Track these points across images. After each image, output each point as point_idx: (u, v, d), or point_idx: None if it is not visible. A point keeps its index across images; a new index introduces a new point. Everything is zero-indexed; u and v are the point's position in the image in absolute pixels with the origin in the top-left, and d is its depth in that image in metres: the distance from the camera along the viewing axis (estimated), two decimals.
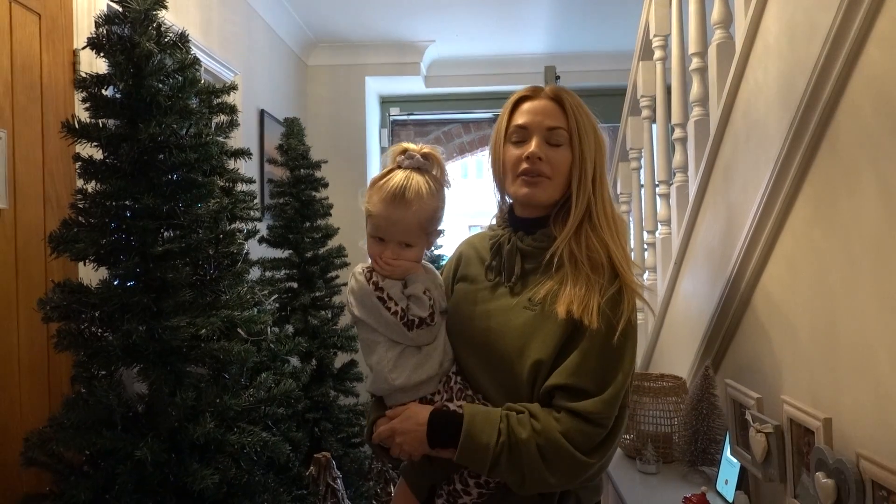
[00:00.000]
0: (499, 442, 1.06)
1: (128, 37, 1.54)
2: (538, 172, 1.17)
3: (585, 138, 1.18)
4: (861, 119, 1.22)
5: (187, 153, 1.59)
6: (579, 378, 1.07)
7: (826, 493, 1.16)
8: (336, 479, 2.47)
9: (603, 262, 1.13)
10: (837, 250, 1.30)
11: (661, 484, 1.84)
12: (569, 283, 1.12)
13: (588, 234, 1.16)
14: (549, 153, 1.18)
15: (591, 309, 1.08)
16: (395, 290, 1.15)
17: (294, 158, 3.05)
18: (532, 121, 1.19)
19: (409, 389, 1.16)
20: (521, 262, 1.20)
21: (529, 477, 1.07)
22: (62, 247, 1.51)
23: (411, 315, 1.13)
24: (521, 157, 1.18)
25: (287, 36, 4.06)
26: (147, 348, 1.52)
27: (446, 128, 5.18)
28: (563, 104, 1.20)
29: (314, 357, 2.90)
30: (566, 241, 1.15)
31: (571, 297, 1.10)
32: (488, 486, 1.14)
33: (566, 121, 1.19)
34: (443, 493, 1.17)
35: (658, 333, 2.45)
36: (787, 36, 1.49)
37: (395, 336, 1.15)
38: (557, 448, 1.06)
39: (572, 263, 1.14)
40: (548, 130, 1.18)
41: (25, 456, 1.52)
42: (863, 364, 1.21)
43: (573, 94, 1.22)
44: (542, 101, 1.21)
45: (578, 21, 4.08)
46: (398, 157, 1.19)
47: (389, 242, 1.16)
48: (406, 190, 1.13)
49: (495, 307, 1.19)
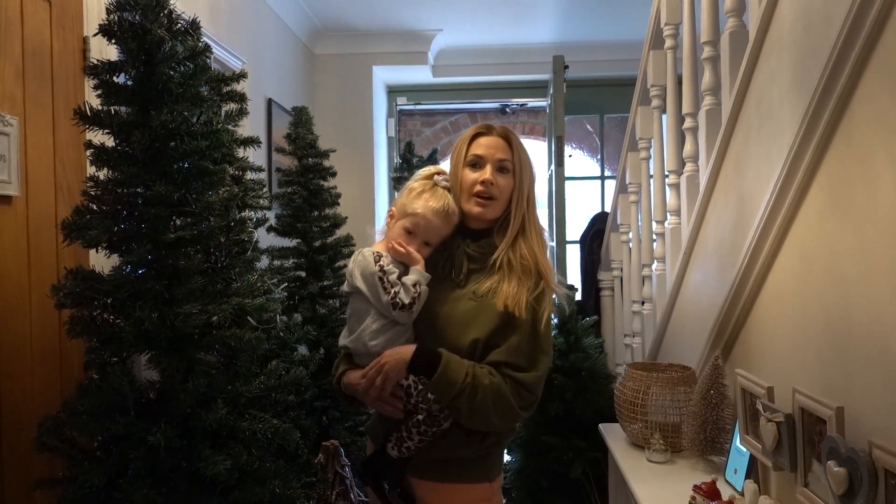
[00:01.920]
0: (465, 381, 1.38)
1: (139, 23, 1.53)
2: (490, 195, 1.51)
3: (525, 169, 1.55)
4: (878, 106, 1.21)
5: (199, 141, 1.59)
6: (516, 357, 1.42)
7: (838, 481, 1.16)
8: (344, 466, 2.49)
9: (531, 267, 1.48)
10: (851, 239, 1.29)
11: (670, 473, 1.84)
12: (505, 282, 1.46)
13: (521, 244, 1.50)
14: (498, 179, 1.52)
15: (521, 304, 1.42)
16: (393, 277, 1.44)
17: (302, 147, 3.05)
18: (486, 152, 1.54)
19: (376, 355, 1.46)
20: (468, 262, 1.52)
21: (479, 413, 1.40)
22: (75, 234, 1.51)
23: (398, 299, 1.42)
24: (476, 180, 1.51)
25: (294, 24, 4.05)
26: (159, 335, 1.53)
27: (453, 118, 5.17)
28: (510, 142, 1.56)
29: (322, 346, 2.91)
30: (505, 250, 1.49)
31: (507, 293, 1.43)
32: (426, 434, 1.43)
33: (512, 155, 1.55)
34: (392, 439, 1.47)
35: (666, 323, 2.45)
36: (802, 23, 1.48)
37: (382, 311, 1.45)
38: (505, 399, 1.40)
39: (509, 267, 1.48)
40: (499, 161, 1.53)
41: (39, 441, 1.53)
42: (876, 353, 1.21)
43: (515, 134, 1.60)
44: (495, 137, 1.56)
45: (588, 10, 4.05)
46: (435, 175, 1.55)
47: (417, 238, 1.48)
48: (453, 210, 1.51)
49: (447, 296, 1.51)
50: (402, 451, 1.47)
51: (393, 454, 1.48)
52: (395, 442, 1.47)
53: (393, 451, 1.48)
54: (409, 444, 1.45)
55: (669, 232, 2.45)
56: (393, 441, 1.47)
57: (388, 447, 1.48)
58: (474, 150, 1.55)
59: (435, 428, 1.44)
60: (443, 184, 1.53)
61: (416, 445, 1.45)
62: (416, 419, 1.43)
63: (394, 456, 1.48)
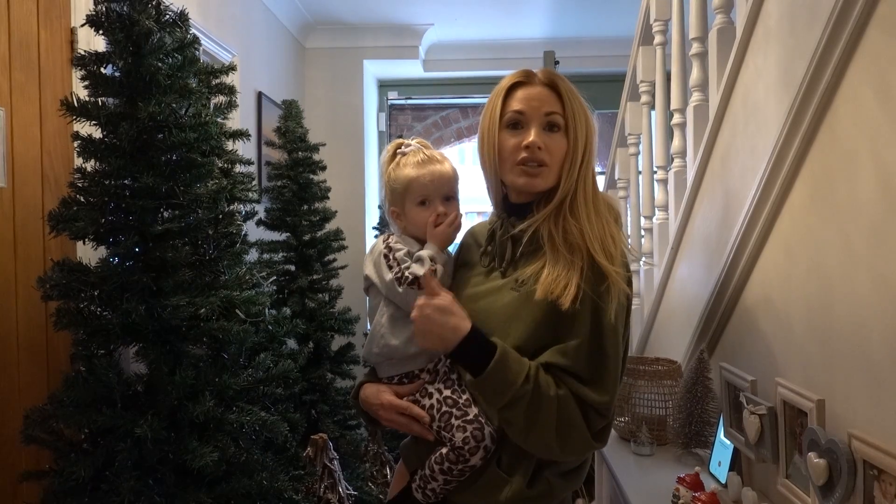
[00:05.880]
0: (524, 386, 1.05)
1: (127, 14, 1.53)
2: (538, 161, 1.17)
3: (580, 125, 1.19)
4: (860, 104, 1.22)
5: (187, 133, 1.59)
6: (574, 361, 1.08)
7: (818, 472, 1.18)
8: (333, 460, 2.50)
9: (578, 243, 1.12)
10: (834, 235, 1.31)
11: (656, 465, 1.86)
12: (548, 265, 1.12)
13: (566, 216, 1.16)
14: (546, 141, 1.17)
15: (569, 291, 1.07)
16: (401, 253, 1.20)
17: (292, 141, 3.04)
18: (529, 107, 1.18)
19: (397, 360, 1.21)
20: (513, 247, 1.21)
21: (538, 431, 1.06)
22: (62, 225, 1.51)
23: (407, 273, 1.16)
24: (519, 145, 1.17)
25: (285, 18, 4.03)
26: (146, 327, 1.53)
27: (444, 112, 5.17)
28: (558, 90, 1.20)
29: (311, 339, 2.91)
30: (545, 222, 1.16)
31: (549, 278, 1.10)
32: (451, 473, 1.14)
33: (562, 107, 1.19)
34: (416, 478, 1.20)
35: (654, 318, 2.47)
36: (787, 20, 1.49)
37: (389, 294, 1.19)
38: (573, 420, 1.06)
39: (551, 244, 1.14)
40: (545, 116, 1.18)
41: (25, 433, 1.53)
42: (856, 347, 1.23)
43: (565, 78, 1.22)
44: (538, 87, 1.21)
45: (578, 6, 4.06)
46: (398, 149, 1.30)
47: (433, 202, 1.23)
48: (432, 152, 1.27)
49: (485, 289, 1.20)
50: (426, 495, 1.17)
51: (418, 497, 1.19)
52: (420, 482, 1.18)
53: (418, 494, 1.19)
54: (434, 486, 1.16)
55: (657, 227, 2.47)
56: (417, 480, 1.19)
57: (413, 487, 1.20)
58: (513, 105, 1.20)
59: (461, 465, 1.12)
60: (408, 150, 1.28)
61: (441, 488, 1.16)
62: (438, 453, 1.15)
63: (420, 500, 1.19)
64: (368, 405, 1.24)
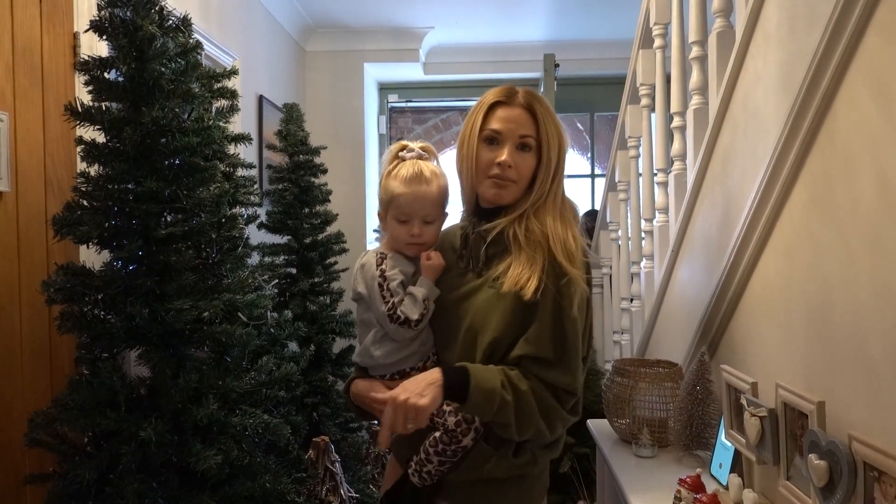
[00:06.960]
0: (503, 389, 1.19)
1: (130, 20, 1.54)
2: (507, 178, 1.30)
3: (553, 145, 1.31)
4: (859, 108, 1.23)
5: (189, 137, 1.59)
6: (539, 348, 1.21)
7: (819, 474, 1.19)
8: (334, 462, 2.50)
9: (540, 241, 1.25)
10: (834, 238, 1.32)
11: (657, 467, 1.86)
12: (514, 261, 1.26)
13: (530, 217, 1.29)
14: (517, 160, 1.30)
15: (530, 283, 1.21)
16: (395, 283, 1.27)
17: (293, 144, 3.05)
18: (506, 129, 1.30)
19: (388, 366, 1.31)
20: (485, 248, 1.31)
21: (528, 423, 1.21)
22: (66, 229, 1.52)
23: (400, 311, 1.25)
24: (493, 160, 1.29)
25: (286, 21, 4.04)
26: (150, 331, 1.54)
27: (444, 115, 5.18)
28: (535, 114, 1.31)
29: (313, 342, 2.92)
30: (510, 225, 1.29)
31: (515, 272, 1.23)
32: (445, 455, 1.25)
33: (536, 130, 1.31)
34: (412, 464, 1.30)
35: (654, 320, 2.48)
36: (787, 24, 1.50)
37: (380, 320, 1.28)
38: (549, 404, 1.22)
39: (516, 243, 1.27)
40: (519, 138, 1.30)
41: (30, 436, 1.54)
42: (856, 350, 1.24)
43: (544, 100, 1.34)
44: (517, 109, 1.32)
45: (578, 9, 4.07)
46: (399, 152, 1.34)
47: (413, 220, 1.30)
48: (423, 170, 1.30)
49: (467, 290, 1.31)
50: (423, 478, 1.28)
51: (415, 481, 1.29)
52: (416, 466, 1.29)
53: (414, 478, 1.29)
54: (430, 468, 1.27)
55: (658, 230, 2.48)
56: (413, 465, 1.29)
57: (409, 473, 1.31)
58: (492, 123, 1.31)
59: (454, 446, 1.25)
60: (408, 156, 1.33)
61: (436, 469, 1.27)
62: (432, 437, 1.26)
63: (416, 484, 1.29)
64: (361, 398, 1.33)
